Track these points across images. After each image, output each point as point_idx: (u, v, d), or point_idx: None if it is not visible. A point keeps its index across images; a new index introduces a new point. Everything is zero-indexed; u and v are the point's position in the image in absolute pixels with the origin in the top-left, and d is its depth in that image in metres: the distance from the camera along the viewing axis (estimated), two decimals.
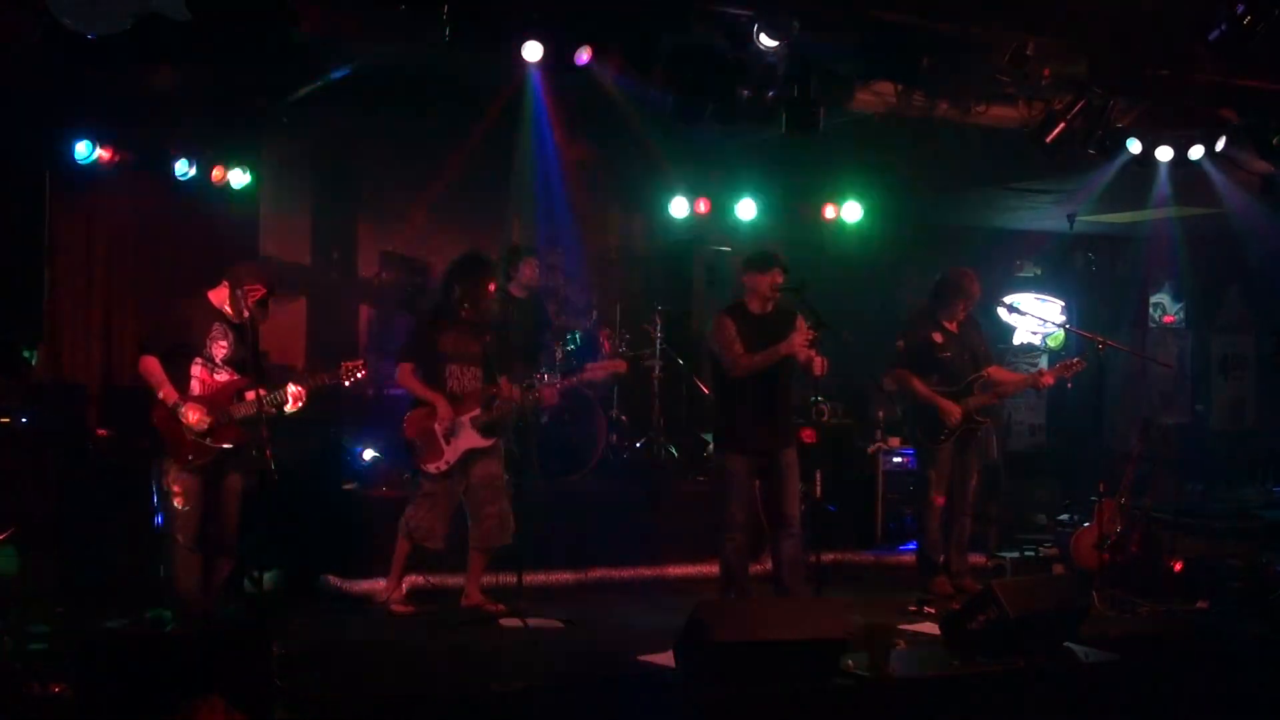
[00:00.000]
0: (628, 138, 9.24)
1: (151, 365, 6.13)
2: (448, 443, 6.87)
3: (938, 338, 7.66)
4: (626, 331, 9.56)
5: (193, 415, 6.06)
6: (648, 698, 5.52)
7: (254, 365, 6.12)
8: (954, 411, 7.53)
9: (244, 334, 6.20)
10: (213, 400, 6.13)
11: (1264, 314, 12.79)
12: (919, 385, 7.60)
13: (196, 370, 6.17)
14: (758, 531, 7.22)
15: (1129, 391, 10.63)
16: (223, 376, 6.21)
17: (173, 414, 6.05)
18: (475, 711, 5.37)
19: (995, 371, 7.88)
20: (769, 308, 6.93)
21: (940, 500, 7.68)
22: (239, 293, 6.16)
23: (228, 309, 6.22)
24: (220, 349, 6.22)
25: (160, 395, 6.08)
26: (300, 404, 6.24)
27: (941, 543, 7.77)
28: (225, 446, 6.13)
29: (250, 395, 5.97)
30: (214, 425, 6.09)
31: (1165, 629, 7.09)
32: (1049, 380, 7.91)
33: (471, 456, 6.92)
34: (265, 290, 6.26)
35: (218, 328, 6.22)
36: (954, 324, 7.73)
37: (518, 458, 7.89)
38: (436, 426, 6.86)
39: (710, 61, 6.86)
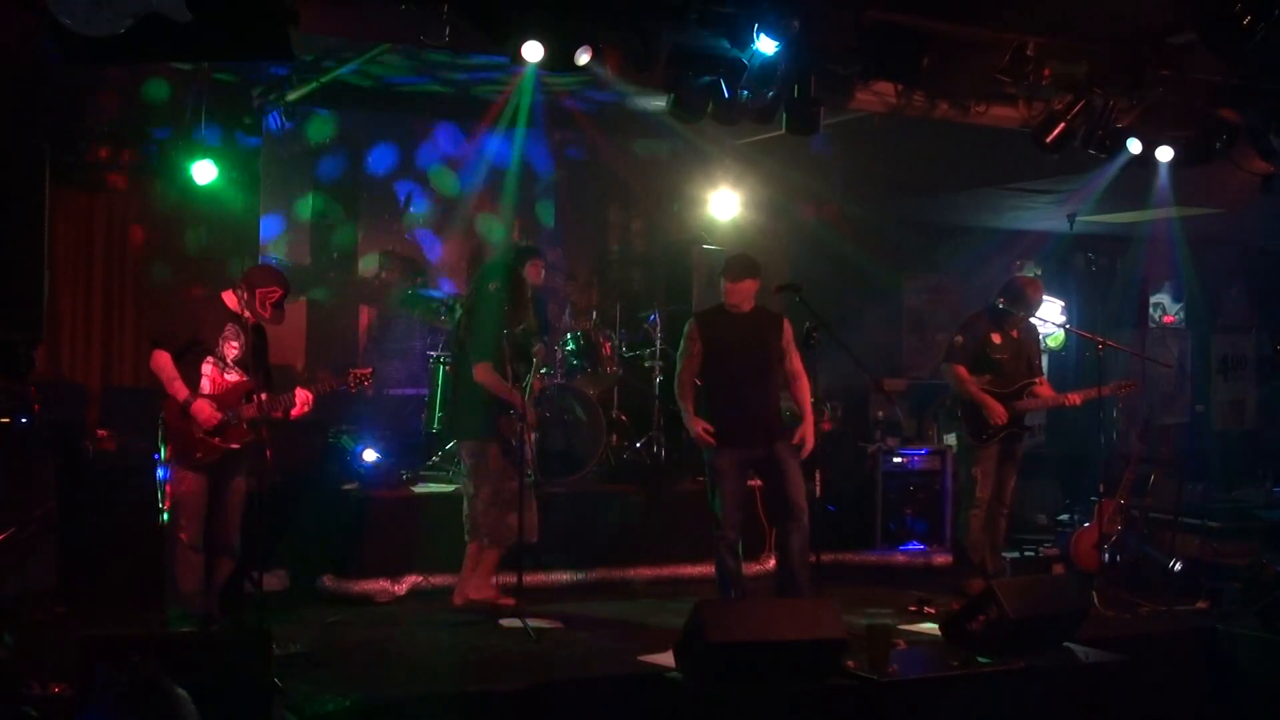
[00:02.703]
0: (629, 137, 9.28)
1: (164, 361, 6.13)
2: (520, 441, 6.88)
3: (996, 338, 7.78)
4: (626, 331, 9.56)
5: (203, 413, 6.06)
6: (648, 698, 5.52)
7: (261, 368, 6.14)
8: (1000, 411, 7.59)
9: (254, 337, 6.23)
10: (223, 400, 6.14)
11: (1264, 314, 12.79)
12: (969, 382, 7.66)
13: (208, 369, 6.18)
14: (755, 531, 7.22)
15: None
16: (233, 377, 6.22)
17: (183, 411, 6.06)
18: (475, 711, 5.37)
19: (1042, 386, 7.91)
20: (748, 308, 6.95)
21: (985, 499, 7.72)
22: (255, 295, 6.18)
23: (245, 311, 6.23)
24: (232, 349, 6.23)
25: (171, 391, 6.08)
26: (306, 409, 6.26)
27: (983, 542, 7.82)
28: (233, 447, 6.13)
29: (256, 398, 5.99)
30: (223, 424, 6.10)
31: (1165, 629, 7.09)
32: (1075, 400, 7.90)
33: None
34: (282, 291, 6.29)
35: (231, 328, 6.23)
36: (1014, 330, 7.83)
37: (517, 459, 7.90)
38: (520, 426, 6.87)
39: (710, 61, 6.87)
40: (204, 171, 8.12)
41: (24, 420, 6.93)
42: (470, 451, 7.04)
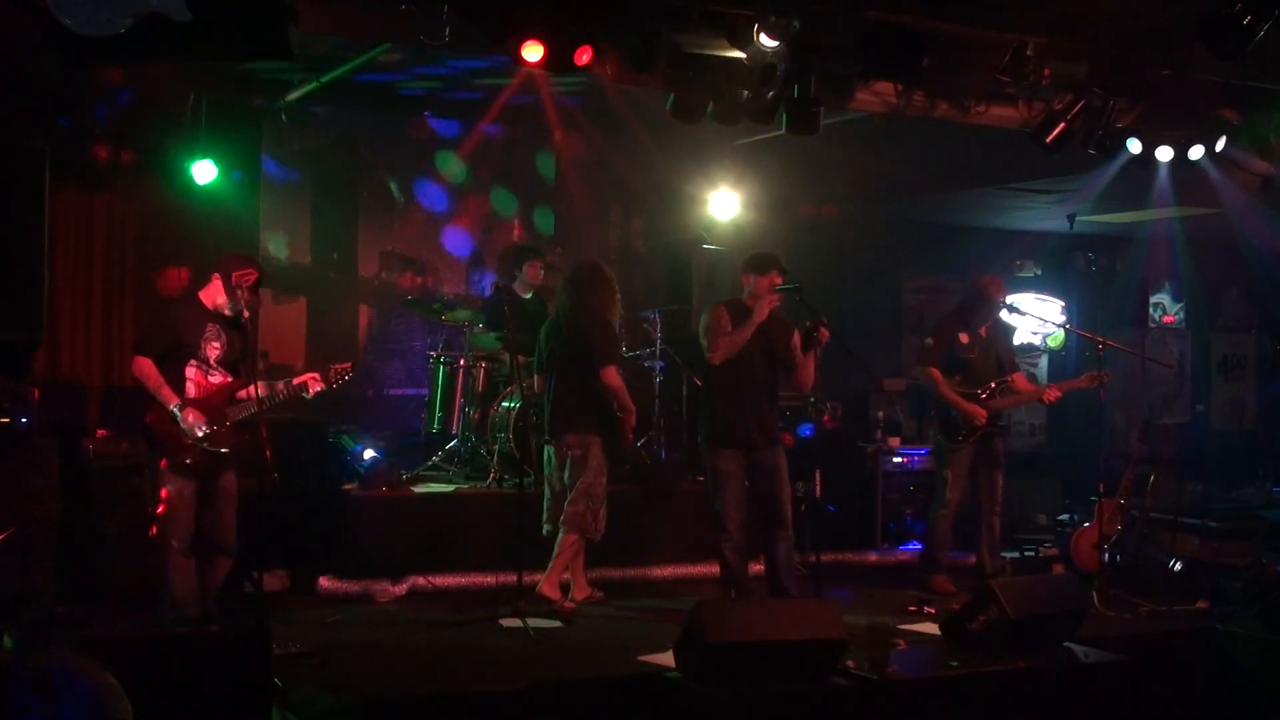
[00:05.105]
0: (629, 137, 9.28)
1: (147, 367, 6.09)
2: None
3: (964, 338, 7.87)
4: (626, 331, 9.55)
5: (192, 419, 6.04)
6: (648, 698, 5.52)
7: (248, 365, 6.11)
8: (979, 413, 7.65)
9: (237, 333, 6.20)
10: (209, 403, 6.11)
11: (1264, 314, 12.78)
12: (943, 385, 7.74)
13: (191, 372, 6.14)
14: (750, 531, 7.24)
15: (1129, 392, 10.62)
16: (217, 378, 6.19)
17: (171, 417, 6.03)
18: (475, 711, 5.37)
19: (1017, 380, 7.97)
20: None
21: (954, 500, 7.75)
22: (230, 280, 6.15)
23: (223, 307, 6.20)
24: (214, 350, 6.20)
25: (159, 398, 6.06)
26: (318, 389, 6.29)
27: (951, 542, 7.88)
28: (223, 451, 6.11)
29: (242, 395, 5.96)
30: (212, 429, 6.08)
31: (1165, 629, 7.09)
32: (1053, 395, 7.97)
33: None
34: (257, 274, 6.27)
35: (211, 328, 6.20)
36: (984, 329, 7.92)
37: (518, 460, 7.91)
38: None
39: (710, 61, 6.87)
40: (204, 171, 8.11)
41: (24, 420, 6.93)
42: (579, 444, 7.14)
